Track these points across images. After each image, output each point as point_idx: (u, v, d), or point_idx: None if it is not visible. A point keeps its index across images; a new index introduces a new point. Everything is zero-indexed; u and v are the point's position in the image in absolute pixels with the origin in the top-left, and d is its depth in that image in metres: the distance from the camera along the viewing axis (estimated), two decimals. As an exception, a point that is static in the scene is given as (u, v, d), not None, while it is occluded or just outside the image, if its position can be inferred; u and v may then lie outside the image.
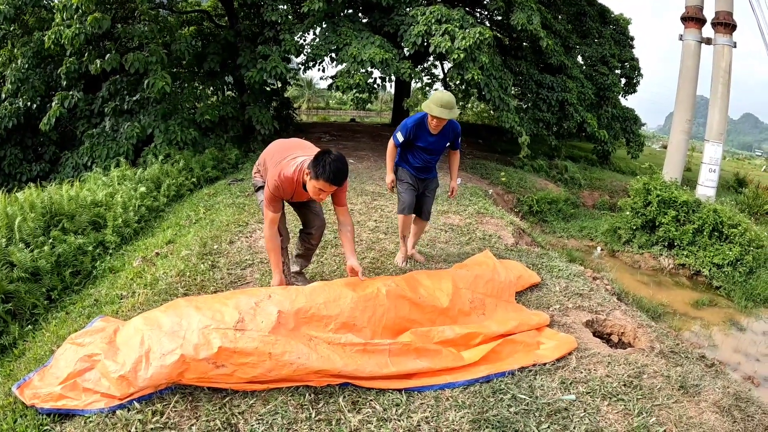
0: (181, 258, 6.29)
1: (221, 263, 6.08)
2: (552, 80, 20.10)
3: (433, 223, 8.61)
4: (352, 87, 13.83)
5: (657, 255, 12.63)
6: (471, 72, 13.77)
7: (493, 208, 10.94)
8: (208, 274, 5.73)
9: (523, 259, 7.47)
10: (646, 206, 13.08)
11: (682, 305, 10.39)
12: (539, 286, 6.42)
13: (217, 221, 8.01)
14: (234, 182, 11.37)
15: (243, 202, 9.10)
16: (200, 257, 6.25)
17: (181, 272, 5.77)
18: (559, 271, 7.13)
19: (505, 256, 7.43)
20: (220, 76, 17.72)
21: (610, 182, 20.33)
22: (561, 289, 6.41)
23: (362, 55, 13.60)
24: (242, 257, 6.32)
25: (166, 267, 6.09)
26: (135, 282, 5.91)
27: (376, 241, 7.48)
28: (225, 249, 6.62)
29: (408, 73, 14.21)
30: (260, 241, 6.95)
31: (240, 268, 5.98)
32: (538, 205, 15.36)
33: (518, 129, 16.15)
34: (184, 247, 6.81)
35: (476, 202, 10.94)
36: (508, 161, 19.56)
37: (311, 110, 47.54)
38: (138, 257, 7.30)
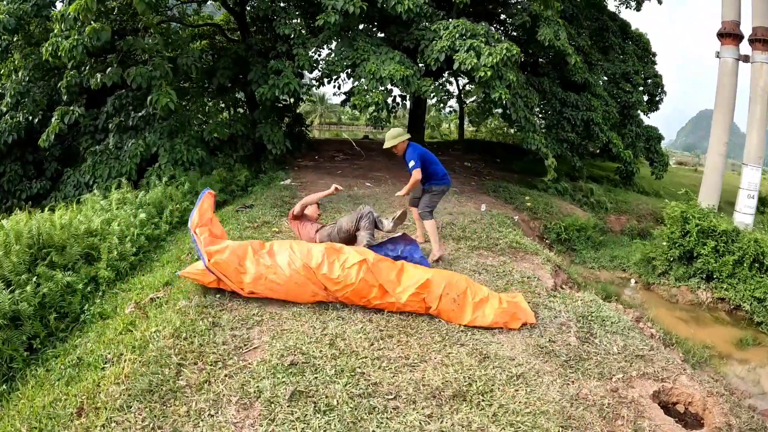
0: (177, 310, 5.37)
1: (224, 320, 5.16)
2: (576, 98, 19.21)
3: (465, 264, 7.83)
4: (370, 105, 12.94)
5: (694, 288, 11.75)
6: (498, 91, 12.88)
7: (526, 240, 10.02)
8: (207, 336, 4.81)
9: (569, 308, 6.57)
10: (683, 236, 12.22)
11: (725, 345, 9.67)
12: (596, 349, 5.58)
13: (221, 260, 7.08)
14: (242, 209, 10.44)
15: (251, 236, 8.16)
16: (199, 310, 5.32)
17: (176, 331, 4.86)
18: (612, 325, 6.32)
19: (547, 304, 6.64)
20: (230, 92, 16.94)
21: (636, 205, 19.41)
22: (619, 349, 5.64)
23: (381, 71, 12.75)
24: (249, 311, 5.40)
25: (159, 322, 5.18)
26: (123, 339, 5.05)
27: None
28: (229, 299, 5.68)
29: (430, 91, 13.33)
30: (270, 288, 6.07)
31: (246, 327, 5.06)
32: (566, 232, 14.43)
33: (545, 151, 15.23)
34: (182, 293, 5.89)
35: (506, 234, 10.02)
36: (529, 182, 18.69)
37: (323, 125, 47.10)
38: (131, 302, 6.42)
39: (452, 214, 11.18)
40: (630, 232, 17.40)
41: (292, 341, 4.81)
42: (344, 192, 11.97)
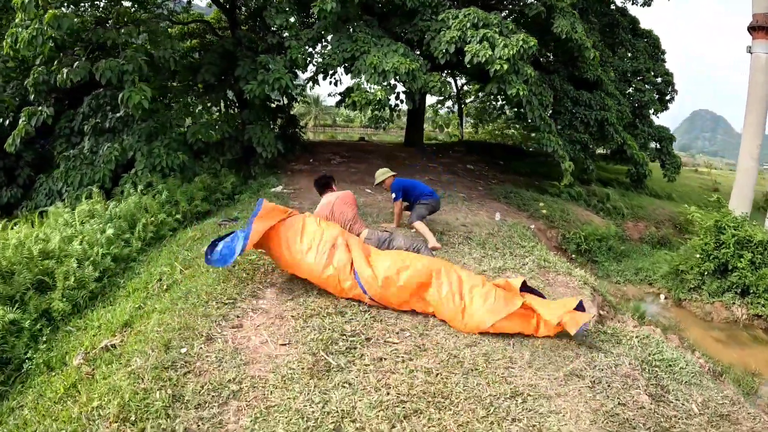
0: (130, 372, 4.02)
1: (188, 390, 3.79)
2: (589, 97, 17.93)
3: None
4: (371, 103, 11.58)
5: (729, 304, 10.67)
6: (515, 86, 11.57)
7: (553, 257, 8.75)
8: (163, 418, 3.46)
9: (626, 349, 5.55)
10: (718, 248, 11.12)
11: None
12: (674, 410, 4.51)
13: (193, 294, 5.71)
14: (225, 222, 9.05)
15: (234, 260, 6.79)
16: (157, 374, 3.96)
17: (122, 410, 3.52)
18: (681, 371, 5.32)
19: (602, 347, 5.51)
20: (218, 90, 15.53)
21: (653, 210, 18.23)
22: (699, 408, 4.65)
23: (384, 65, 11.38)
24: (222, 375, 4.03)
25: (105, 391, 3.84)
26: (60, 414, 3.80)
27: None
28: (197, 355, 4.34)
29: (438, 86, 11.99)
30: (254, 337, 4.73)
31: (218, 403, 3.69)
32: (586, 242, 13.15)
33: (561, 153, 13.92)
34: (138, 349, 4.53)
35: (530, 249, 8.86)
36: (537, 185, 17.47)
37: (318, 127, 46.29)
38: (81, 349, 5.11)
39: (466, 226, 9.94)
40: (650, 240, 16.20)
41: (281, 427, 3.45)
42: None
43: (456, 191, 13.81)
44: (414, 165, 17.11)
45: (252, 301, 5.51)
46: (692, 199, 23.74)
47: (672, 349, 5.89)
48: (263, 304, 5.47)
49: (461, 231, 9.38)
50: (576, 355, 5.07)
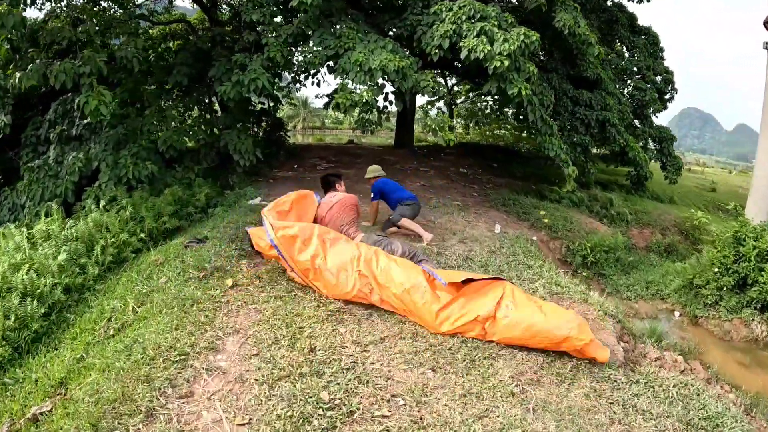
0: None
1: None
2: (590, 97, 16.95)
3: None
4: (357, 105, 10.51)
5: (748, 321, 9.74)
6: (516, 85, 10.53)
7: (566, 281, 7.72)
8: None
9: (663, 403, 4.62)
10: (737, 261, 10.18)
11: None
12: None
13: (139, 346, 4.65)
14: (192, 243, 7.93)
15: (194, 295, 5.70)
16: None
17: None
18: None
19: (635, 402, 4.55)
20: (193, 93, 14.45)
21: (657, 216, 17.18)
22: None
23: (370, 62, 10.29)
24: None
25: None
26: None
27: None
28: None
29: (430, 86, 10.93)
30: (206, 413, 3.68)
31: None
32: (592, 254, 12.15)
33: (564, 158, 12.91)
34: (63, 428, 3.53)
35: (539, 270, 7.90)
36: (535, 190, 16.45)
37: (306, 130, 45.44)
38: (6, 422, 4.23)
39: (465, 242, 8.97)
40: (657, 249, 15.18)
41: None
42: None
43: (450, 198, 12.91)
44: (405, 169, 16.26)
45: (208, 356, 4.46)
46: (692, 200, 22.99)
47: (714, 399, 4.90)
48: (221, 360, 4.43)
49: (459, 250, 8.39)
50: (611, 421, 4.09)
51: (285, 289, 5.95)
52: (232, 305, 5.45)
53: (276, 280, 6.21)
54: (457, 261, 7.78)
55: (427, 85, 10.83)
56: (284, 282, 6.15)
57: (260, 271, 6.50)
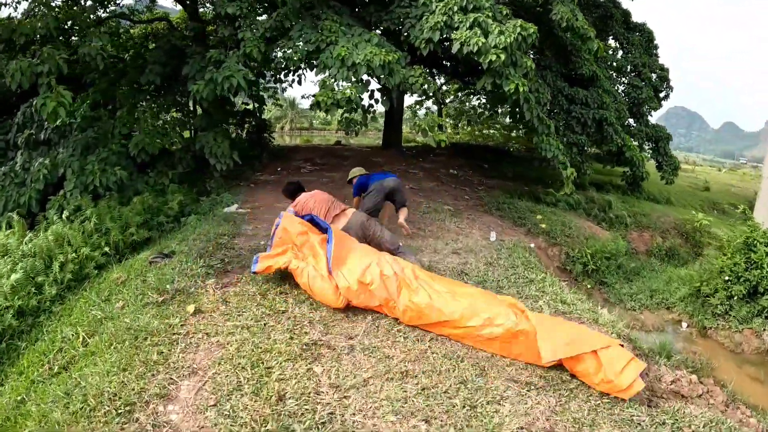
0: None
1: None
2: (585, 94, 16.25)
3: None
4: (340, 104, 9.71)
5: (759, 331, 9.13)
6: (513, 81, 9.76)
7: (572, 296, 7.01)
8: None
9: None
10: (749, 268, 9.54)
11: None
12: None
13: (79, 392, 3.90)
14: (158, 259, 7.12)
15: (149, 326, 4.91)
16: None
17: None
18: None
19: None
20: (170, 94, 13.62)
21: (657, 218, 16.49)
22: None
23: (354, 57, 9.48)
24: None
25: None
26: None
27: None
28: None
29: (419, 82, 10.11)
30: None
31: None
32: (593, 261, 11.44)
33: (562, 159, 12.16)
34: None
35: (541, 285, 7.24)
36: (528, 191, 15.75)
37: (294, 131, 44.75)
38: None
39: (459, 253, 8.26)
40: (658, 253, 14.52)
41: None
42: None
43: (441, 202, 12.20)
44: (393, 171, 15.39)
45: (158, 406, 3.71)
46: (688, 201, 22.34)
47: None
48: (173, 412, 3.67)
49: (454, 262, 7.66)
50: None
51: (254, 316, 5.18)
52: (192, 338, 4.68)
53: (245, 305, 5.44)
54: (452, 275, 7.04)
55: (416, 82, 10.01)
56: (254, 307, 5.38)
57: (228, 294, 5.73)
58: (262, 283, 5.99)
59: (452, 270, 7.27)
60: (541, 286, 7.10)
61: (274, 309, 5.33)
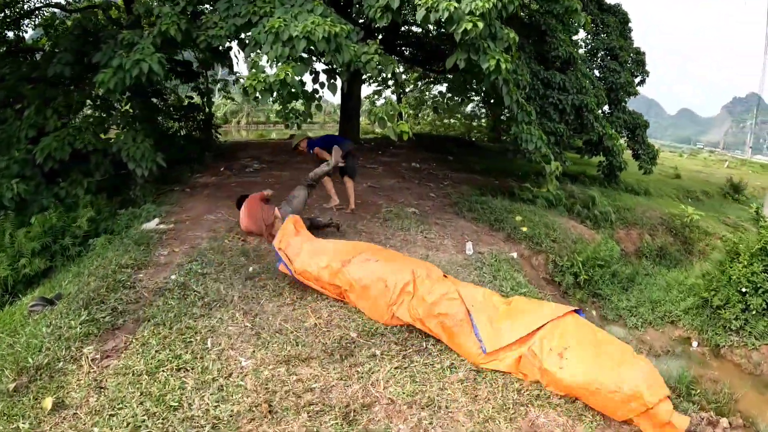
0: None
1: None
2: (563, 78, 14.76)
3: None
4: (273, 89, 7.84)
5: None
6: (493, 56, 8.03)
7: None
8: None
9: None
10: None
11: None
12: None
13: None
14: (37, 307, 5.28)
15: None
16: None
17: None
18: None
19: None
20: (86, 87, 11.60)
21: (642, 213, 15.13)
22: None
23: (291, 29, 7.67)
24: None
25: None
26: None
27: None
28: None
29: (374, 61, 8.25)
30: None
31: None
32: (585, 271, 9.86)
33: (545, 152, 10.54)
34: None
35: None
36: (499, 185, 14.39)
37: (250, 125, 42.94)
38: None
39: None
40: (649, 253, 13.13)
41: None
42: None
43: (404, 204, 10.78)
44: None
45: None
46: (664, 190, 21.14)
47: None
48: None
49: None
50: None
51: (133, 418, 3.41)
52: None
53: (124, 395, 3.69)
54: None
55: (369, 60, 8.11)
56: (136, 400, 3.61)
57: (107, 374, 3.99)
58: (156, 351, 4.25)
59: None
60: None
61: (164, 403, 3.58)
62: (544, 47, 14.93)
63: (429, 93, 28.62)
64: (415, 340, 5.10)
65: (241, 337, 4.96)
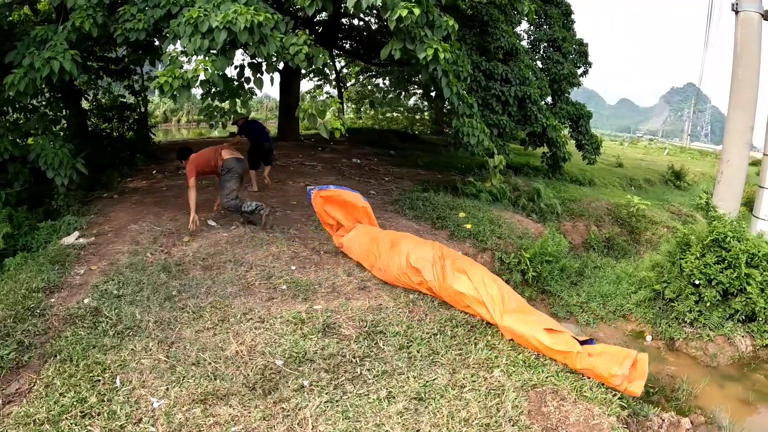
0: None
1: None
2: (505, 70, 14.54)
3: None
4: (191, 85, 7.24)
5: (731, 336, 8.08)
6: (430, 45, 7.61)
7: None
8: None
9: None
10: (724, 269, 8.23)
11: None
12: None
13: None
14: None
15: None
16: None
17: None
18: None
19: None
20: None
21: (588, 204, 14.88)
22: None
23: (211, 19, 7.09)
24: None
25: None
26: None
27: None
28: None
29: (303, 52, 7.66)
30: None
31: None
32: (533, 267, 9.57)
33: (489, 145, 10.20)
34: None
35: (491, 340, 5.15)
36: (441, 179, 14.14)
37: (192, 124, 42.10)
38: None
39: (368, 291, 6.40)
40: (597, 245, 12.93)
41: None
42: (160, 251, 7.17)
43: None
44: (288, 165, 13.78)
45: None
46: (608, 180, 21.25)
47: None
48: None
49: (359, 311, 5.61)
50: None
51: None
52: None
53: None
54: (358, 343, 4.96)
55: (298, 51, 7.55)
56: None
57: (7, 424, 3.69)
58: (61, 394, 3.92)
59: (360, 329, 5.26)
60: (490, 341, 5.10)
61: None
62: (487, 38, 14.68)
63: (371, 87, 28.35)
64: (348, 366, 4.66)
65: (154, 372, 4.49)
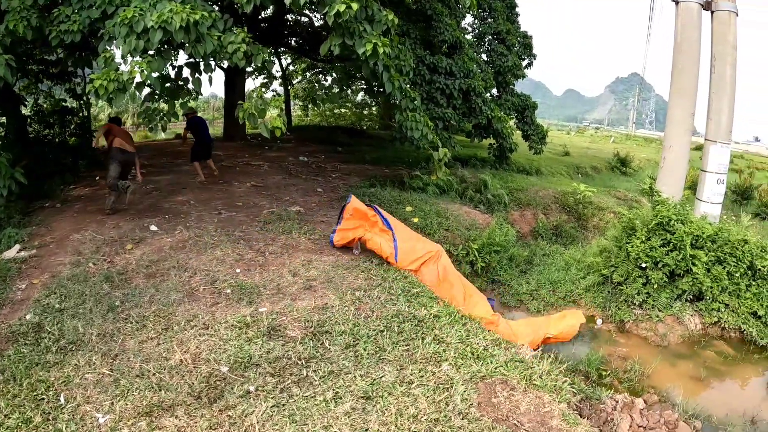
0: None
1: None
2: (450, 63, 14.58)
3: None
4: (127, 88, 6.93)
5: (680, 316, 8.43)
6: (369, 40, 7.52)
7: (488, 337, 4.98)
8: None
9: None
10: (669, 251, 8.55)
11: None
12: None
13: None
14: None
15: None
16: None
17: None
18: None
19: None
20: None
21: (535, 193, 15.03)
22: None
23: (147, 19, 6.81)
24: None
25: None
26: None
27: None
28: None
29: (240, 50, 7.48)
30: None
31: None
32: (481, 258, 9.59)
33: (433, 139, 10.12)
34: None
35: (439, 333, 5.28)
36: (389, 174, 14.04)
37: (136, 126, 40.76)
38: None
39: (314, 290, 6.28)
40: (545, 233, 13.09)
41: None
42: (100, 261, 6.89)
43: (288, 202, 10.18)
44: (233, 167, 13.43)
45: None
46: (556, 169, 21.51)
47: None
48: None
49: (305, 311, 5.47)
50: None
51: None
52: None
53: None
54: (304, 345, 4.85)
55: (237, 50, 7.35)
56: None
57: None
58: (6, 416, 3.99)
59: (303, 329, 5.15)
60: (439, 334, 5.03)
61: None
62: (431, 32, 14.65)
63: (318, 84, 28.08)
64: (294, 368, 4.54)
65: (99, 386, 4.37)
